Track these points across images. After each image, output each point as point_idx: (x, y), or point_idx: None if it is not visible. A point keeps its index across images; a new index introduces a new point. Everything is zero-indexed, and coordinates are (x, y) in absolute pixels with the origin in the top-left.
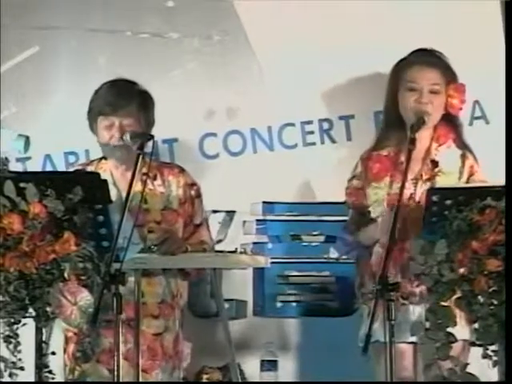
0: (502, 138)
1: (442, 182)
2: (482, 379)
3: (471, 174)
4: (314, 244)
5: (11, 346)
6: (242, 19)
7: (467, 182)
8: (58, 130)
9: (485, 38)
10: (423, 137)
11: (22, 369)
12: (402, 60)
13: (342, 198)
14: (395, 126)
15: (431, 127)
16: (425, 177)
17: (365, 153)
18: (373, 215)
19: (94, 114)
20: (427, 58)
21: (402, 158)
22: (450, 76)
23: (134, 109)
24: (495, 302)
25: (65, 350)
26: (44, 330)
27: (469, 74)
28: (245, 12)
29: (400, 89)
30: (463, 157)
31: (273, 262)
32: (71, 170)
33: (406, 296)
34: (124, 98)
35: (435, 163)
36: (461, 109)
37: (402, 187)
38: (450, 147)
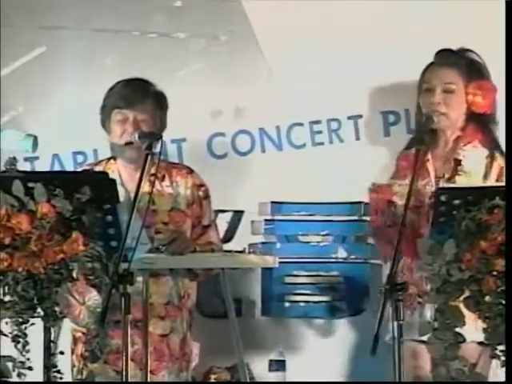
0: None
1: (463, 181)
2: (491, 379)
3: (500, 176)
4: (322, 244)
5: (19, 346)
6: (250, 19)
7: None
8: (66, 130)
9: (487, 38)
10: (449, 137)
11: (30, 368)
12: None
13: (350, 198)
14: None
15: (455, 127)
16: (446, 176)
17: (399, 153)
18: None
19: (107, 109)
20: (445, 58)
21: (428, 156)
22: (471, 74)
23: (149, 106)
24: (503, 302)
25: (73, 351)
26: (52, 330)
27: None
28: (253, 12)
29: (420, 91)
30: (491, 157)
31: (281, 262)
32: (79, 169)
33: (422, 294)
34: (140, 95)
35: (458, 162)
36: (488, 107)
37: (411, 187)
38: (475, 147)
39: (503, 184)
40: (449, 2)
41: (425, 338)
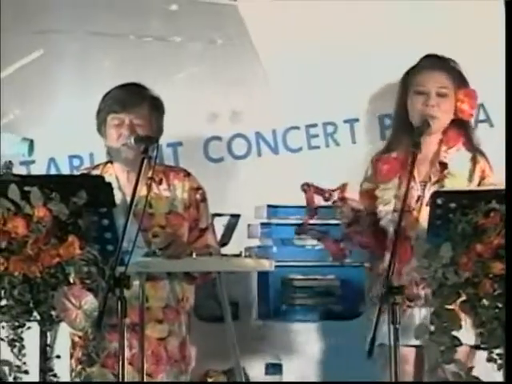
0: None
1: (450, 184)
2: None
3: (482, 178)
4: (318, 247)
5: (16, 350)
6: (246, 23)
7: (479, 185)
8: (62, 134)
9: (489, 41)
10: (432, 140)
11: (26, 372)
12: (412, 67)
13: None
14: (405, 131)
15: (440, 131)
16: (433, 179)
17: (375, 155)
18: (380, 215)
19: (103, 114)
20: (436, 62)
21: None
22: (459, 81)
23: (145, 111)
24: (500, 306)
25: (72, 355)
26: (48, 334)
27: (473, 76)
28: (249, 16)
29: (409, 94)
30: (474, 160)
31: (277, 266)
32: (76, 173)
33: (412, 299)
34: (136, 99)
35: (444, 165)
36: (471, 115)
37: (407, 191)
38: (459, 150)
39: (501, 188)
40: (445, 5)
41: (417, 342)
